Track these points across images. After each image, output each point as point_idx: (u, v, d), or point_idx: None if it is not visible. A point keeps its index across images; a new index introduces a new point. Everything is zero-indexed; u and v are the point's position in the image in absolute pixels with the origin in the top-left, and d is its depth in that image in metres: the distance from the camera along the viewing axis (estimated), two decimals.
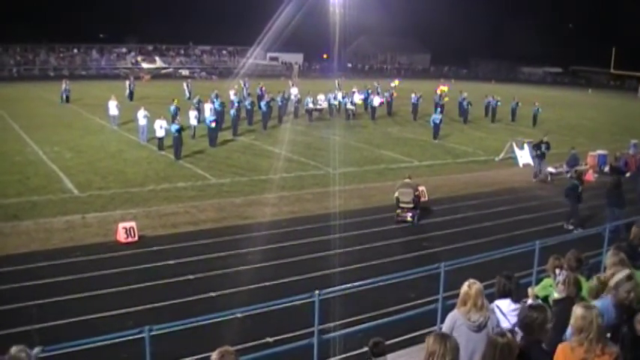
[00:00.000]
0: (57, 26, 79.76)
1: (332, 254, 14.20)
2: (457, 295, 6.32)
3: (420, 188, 19.07)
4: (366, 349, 7.11)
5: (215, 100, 34.49)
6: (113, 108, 33.34)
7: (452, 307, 6.46)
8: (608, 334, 5.24)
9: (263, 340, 10.09)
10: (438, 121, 32.77)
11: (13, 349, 5.05)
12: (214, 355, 4.68)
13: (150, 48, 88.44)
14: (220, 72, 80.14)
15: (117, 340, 7.70)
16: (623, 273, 6.29)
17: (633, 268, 7.06)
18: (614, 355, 4.95)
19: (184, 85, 49.07)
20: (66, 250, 14.38)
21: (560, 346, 5.15)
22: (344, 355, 9.33)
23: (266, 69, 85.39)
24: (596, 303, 5.64)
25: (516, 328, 5.83)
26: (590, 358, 4.91)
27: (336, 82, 48.22)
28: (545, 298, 6.97)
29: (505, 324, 6.35)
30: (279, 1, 47.62)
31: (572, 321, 5.08)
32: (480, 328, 6.01)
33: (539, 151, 24.46)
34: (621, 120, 47.81)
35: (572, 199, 17.73)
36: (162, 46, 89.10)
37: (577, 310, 5.08)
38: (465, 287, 6.15)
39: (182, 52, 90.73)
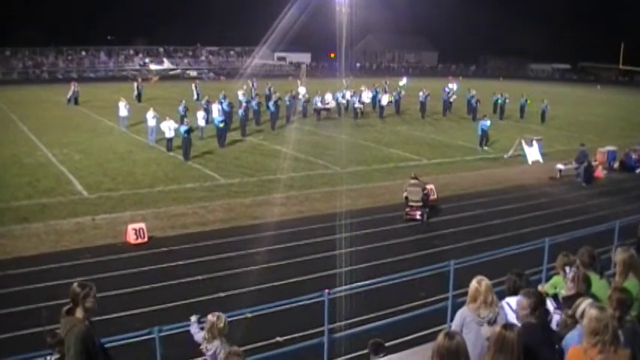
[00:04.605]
0: (65, 29, 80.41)
1: (341, 253, 14.15)
2: (467, 293, 6.33)
3: (429, 186, 19.02)
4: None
5: (223, 100, 34.49)
6: (123, 109, 33.43)
7: (462, 305, 6.45)
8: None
9: (273, 340, 10.11)
10: (486, 128, 29.73)
11: None
12: (221, 354, 4.70)
13: (159, 49, 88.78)
14: (228, 73, 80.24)
15: (127, 341, 7.73)
16: None
17: None
18: (628, 356, 4.83)
19: (193, 85, 49.09)
20: (76, 251, 14.43)
21: (571, 349, 5.06)
22: (354, 354, 9.32)
23: (274, 69, 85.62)
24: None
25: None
26: None
27: (344, 81, 48.15)
28: (555, 296, 6.94)
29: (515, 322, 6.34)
30: (286, 1, 47.68)
31: (585, 322, 4.92)
32: (489, 324, 6.06)
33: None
34: (631, 116, 47.55)
35: None
36: (170, 47, 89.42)
37: (592, 312, 4.90)
38: (474, 284, 6.21)
39: (190, 53, 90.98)
